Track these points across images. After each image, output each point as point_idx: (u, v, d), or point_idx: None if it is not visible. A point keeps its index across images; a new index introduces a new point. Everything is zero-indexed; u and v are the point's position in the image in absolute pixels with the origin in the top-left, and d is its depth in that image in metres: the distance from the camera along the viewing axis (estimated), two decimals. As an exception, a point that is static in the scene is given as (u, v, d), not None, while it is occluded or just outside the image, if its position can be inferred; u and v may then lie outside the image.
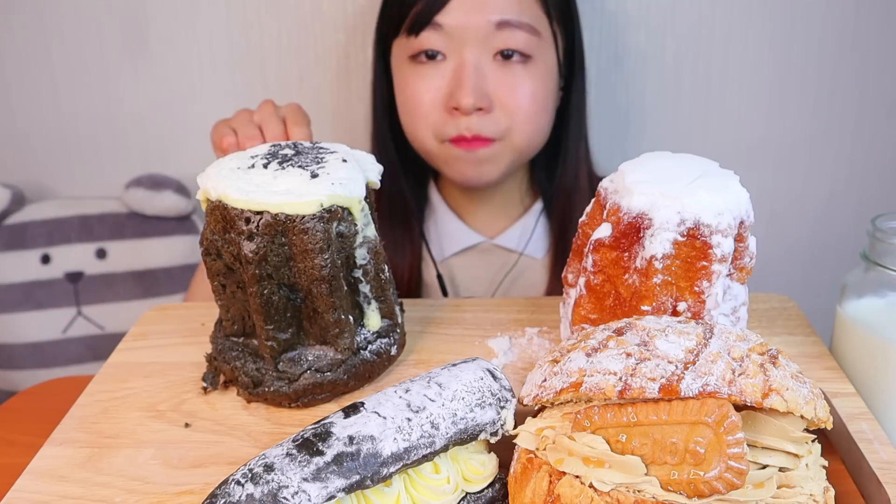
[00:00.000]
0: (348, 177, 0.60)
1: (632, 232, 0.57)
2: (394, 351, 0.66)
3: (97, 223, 1.25)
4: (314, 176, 0.59)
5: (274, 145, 0.65)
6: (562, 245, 1.03)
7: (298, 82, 1.24)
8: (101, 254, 1.25)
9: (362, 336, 0.65)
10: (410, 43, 0.92)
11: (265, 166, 0.61)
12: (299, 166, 0.61)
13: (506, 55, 0.91)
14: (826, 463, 0.49)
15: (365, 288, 0.64)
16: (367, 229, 0.62)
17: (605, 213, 0.60)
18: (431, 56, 0.92)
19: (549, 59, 0.95)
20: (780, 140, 1.23)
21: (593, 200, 0.63)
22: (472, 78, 0.89)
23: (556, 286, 1.02)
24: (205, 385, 0.66)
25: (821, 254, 1.29)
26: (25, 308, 1.24)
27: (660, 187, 0.56)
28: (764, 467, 0.46)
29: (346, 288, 0.62)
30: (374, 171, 0.65)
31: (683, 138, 1.23)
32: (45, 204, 1.28)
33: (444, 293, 1.02)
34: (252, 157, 0.62)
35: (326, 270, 0.59)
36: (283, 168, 0.61)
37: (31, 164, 1.32)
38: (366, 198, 0.62)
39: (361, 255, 0.62)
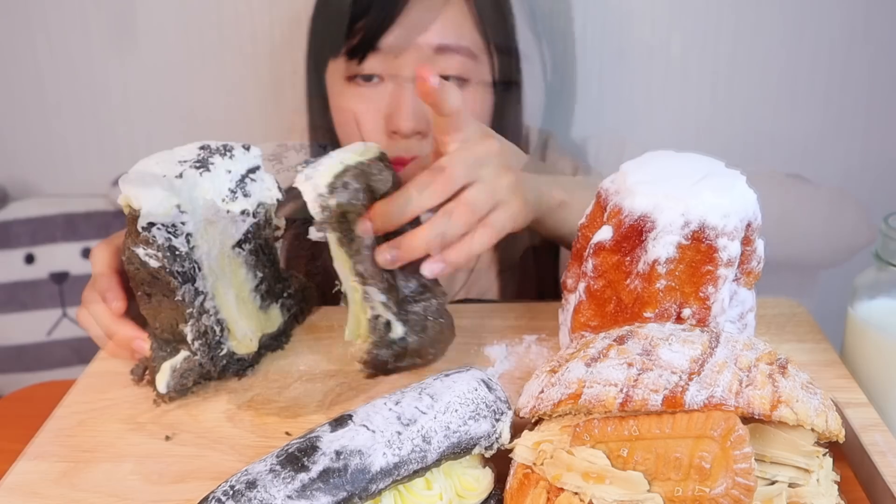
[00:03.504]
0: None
1: (634, 235, 0.57)
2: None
3: (83, 222, 1.25)
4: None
5: (203, 147, 0.65)
6: None
7: (291, 76, 1.22)
8: (87, 253, 1.25)
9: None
10: (350, 67, 0.93)
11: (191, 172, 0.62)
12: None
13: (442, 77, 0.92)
14: (838, 477, 0.48)
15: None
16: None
17: (605, 215, 0.59)
18: (368, 78, 0.93)
19: (485, 80, 0.96)
20: (790, 136, 1.22)
21: (593, 202, 0.62)
22: (411, 103, 0.90)
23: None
24: (133, 377, 0.67)
25: (831, 253, 1.29)
26: (9, 309, 1.24)
27: (663, 188, 0.56)
28: (773, 482, 0.45)
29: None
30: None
31: (689, 134, 1.23)
32: (29, 202, 1.27)
33: None
34: (181, 163, 0.63)
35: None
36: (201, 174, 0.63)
37: (14, 160, 1.31)
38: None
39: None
